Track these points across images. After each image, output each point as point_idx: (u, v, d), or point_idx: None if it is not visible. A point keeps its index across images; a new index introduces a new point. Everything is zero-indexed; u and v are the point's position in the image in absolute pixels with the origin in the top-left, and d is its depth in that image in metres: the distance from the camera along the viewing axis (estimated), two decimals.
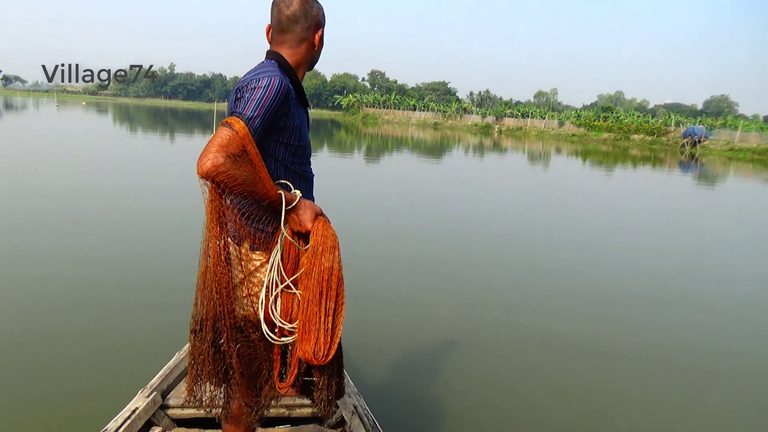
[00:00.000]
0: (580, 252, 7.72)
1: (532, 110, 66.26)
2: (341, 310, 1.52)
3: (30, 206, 8.00)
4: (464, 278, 6.09)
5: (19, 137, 20.96)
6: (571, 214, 10.91)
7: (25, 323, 4.03)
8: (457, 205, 10.92)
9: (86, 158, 14.73)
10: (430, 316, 4.91)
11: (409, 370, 3.82)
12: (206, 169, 1.31)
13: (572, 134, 53.33)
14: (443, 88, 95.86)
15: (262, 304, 1.53)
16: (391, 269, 6.19)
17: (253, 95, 1.45)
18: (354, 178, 14.81)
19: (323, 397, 1.61)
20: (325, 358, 1.48)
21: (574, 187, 16.16)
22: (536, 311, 5.22)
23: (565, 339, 4.59)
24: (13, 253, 5.71)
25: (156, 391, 2.42)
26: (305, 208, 1.56)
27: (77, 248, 5.99)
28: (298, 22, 1.62)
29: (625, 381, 3.95)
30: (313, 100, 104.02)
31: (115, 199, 9.04)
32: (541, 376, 3.93)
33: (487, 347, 4.35)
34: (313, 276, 1.49)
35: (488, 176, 18.08)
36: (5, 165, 12.09)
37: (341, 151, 24.57)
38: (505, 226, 9.10)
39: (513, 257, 7.16)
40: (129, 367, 3.41)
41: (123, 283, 4.98)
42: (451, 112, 69.57)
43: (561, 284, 6.08)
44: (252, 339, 1.60)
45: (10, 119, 35.01)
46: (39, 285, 4.81)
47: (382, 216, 9.32)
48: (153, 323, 4.13)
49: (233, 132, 1.36)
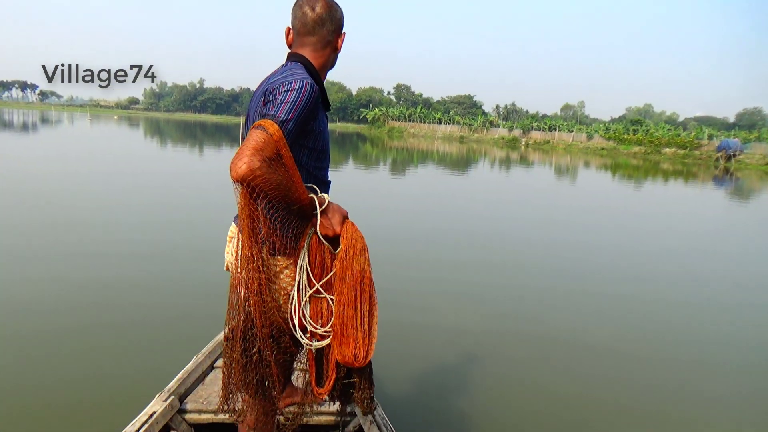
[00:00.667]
0: (614, 267, 7.47)
1: (559, 123, 65.43)
2: (375, 311, 1.53)
3: (62, 213, 8.14)
4: (489, 289, 5.99)
5: (52, 151, 21.53)
6: (605, 228, 10.56)
7: (43, 326, 4.07)
8: (486, 219, 10.68)
9: (119, 169, 14.97)
10: (452, 326, 4.84)
11: (428, 379, 3.77)
12: (242, 173, 1.27)
13: (601, 148, 52.39)
14: (469, 101, 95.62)
15: (296, 309, 1.52)
16: (414, 280, 6.12)
17: (287, 98, 1.42)
18: (379, 190, 14.70)
19: (366, 396, 1.64)
20: (364, 360, 1.48)
21: (607, 200, 15.74)
22: (568, 324, 5.04)
23: (599, 354, 4.42)
24: (39, 256, 5.81)
25: (174, 395, 2.42)
26: (334, 211, 1.54)
27: (99, 254, 6.05)
28: (324, 25, 1.61)
29: (663, 407, 3.71)
30: (339, 113, 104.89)
31: (142, 206, 9.19)
32: (571, 392, 3.76)
33: (511, 359, 4.23)
34: (347, 279, 1.48)
35: (517, 190, 17.74)
36: (37, 176, 12.32)
37: (367, 164, 24.55)
38: (538, 242, 8.83)
39: (543, 271, 6.92)
40: (147, 370, 3.42)
41: (143, 287, 5.01)
42: (476, 125, 69.20)
43: (594, 299, 5.88)
44: (283, 345, 1.59)
45: (46, 133, 36.10)
46: (60, 288, 4.87)
47: (407, 228, 9.24)
48: (172, 327, 4.14)
49: (268, 135, 1.32)
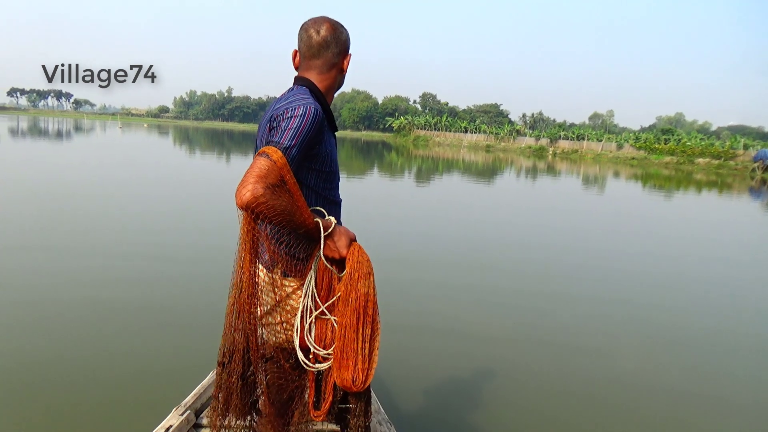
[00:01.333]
0: (645, 283, 7.12)
1: (588, 132, 64.40)
2: (377, 336, 1.52)
3: (78, 225, 8.14)
4: (511, 305, 5.81)
5: (90, 159, 22.01)
6: (636, 237, 10.20)
7: (63, 340, 4.10)
8: (512, 230, 10.44)
9: (147, 177, 15.26)
10: (473, 333, 4.81)
11: (442, 399, 3.69)
12: (246, 200, 1.29)
13: (631, 157, 51.30)
14: (495, 110, 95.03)
15: (298, 330, 1.52)
16: (432, 292, 6.03)
17: (290, 124, 1.43)
18: (405, 198, 14.56)
19: (360, 423, 1.61)
20: (363, 385, 1.47)
21: (638, 210, 15.25)
22: (593, 343, 4.86)
23: (624, 377, 4.20)
24: (56, 271, 5.80)
25: (190, 410, 2.44)
26: (340, 234, 1.54)
27: (116, 270, 6.00)
28: (329, 47, 1.62)
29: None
30: (365, 122, 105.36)
31: (164, 220, 9.13)
32: (596, 417, 3.61)
33: (533, 378, 4.08)
34: (350, 302, 1.48)
35: (546, 199, 17.37)
36: (65, 182, 12.54)
37: (392, 173, 24.47)
38: (569, 255, 8.55)
39: (569, 286, 6.66)
40: (164, 385, 3.45)
41: (161, 303, 5.02)
42: (503, 134, 68.62)
43: (623, 318, 5.60)
44: (285, 367, 1.59)
45: (79, 140, 37.12)
46: (79, 304, 4.86)
47: (431, 238, 9.07)
48: (189, 342, 4.16)
49: (271, 162, 1.34)
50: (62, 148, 28.47)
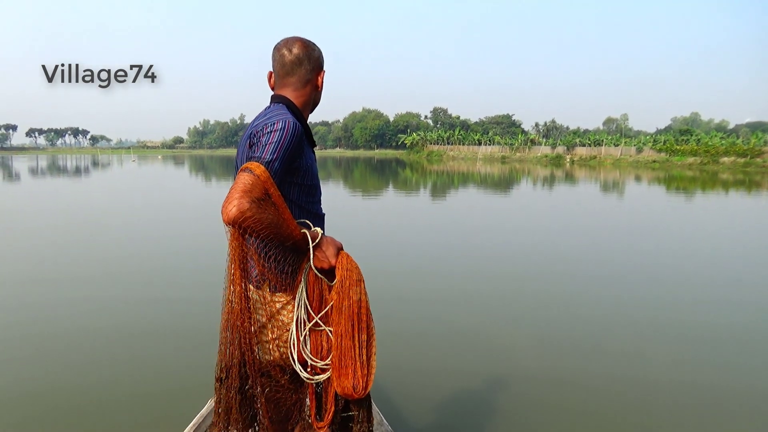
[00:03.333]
0: (678, 289, 6.57)
1: (604, 137, 63.29)
2: (373, 341, 1.52)
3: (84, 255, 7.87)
4: (529, 315, 5.61)
5: (106, 196, 21.92)
6: (670, 245, 9.32)
7: (63, 370, 4.04)
8: (536, 240, 9.65)
9: (154, 204, 14.92)
10: (482, 343, 4.79)
11: (448, 408, 3.64)
12: (233, 215, 1.30)
13: (652, 160, 50.08)
14: (507, 121, 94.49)
15: (294, 343, 1.52)
16: (444, 302, 6.03)
17: (270, 138, 1.45)
18: (420, 214, 14.00)
19: (364, 429, 1.60)
20: (364, 391, 1.46)
21: (671, 214, 14.33)
22: (614, 349, 4.63)
23: (657, 388, 3.88)
24: (60, 300, 5.78)
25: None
26: (328, 244, 1.54)
27: (115, 297, 5.96)
28: (302, 64, 1.65)
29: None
30: (377, 140, 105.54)
31: (160, 246, 9.13)
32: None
33: (549, 390, 3.90)
34: (344, 310, 1.48)
35: (570, 210, 16.49)
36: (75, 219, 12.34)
37: (407, 189, 23.88)
38: (599, 265, 7.78)
39: (594, 296, 5.98)
40: (163, 415, 3.39)
41: (155, 331, 4.96)
42: (517, 144, 67.79)
43: (655, 326, 5.20)
44: (281, 383, 1.59)
45: (93, 175, 37.48)
46: (78, 331, 4.88)
47: (450, 251, 8.61)
48: (186, 371, 4.10)
49: (254, 176, 1.35)
50: (77, 184, 28.72)
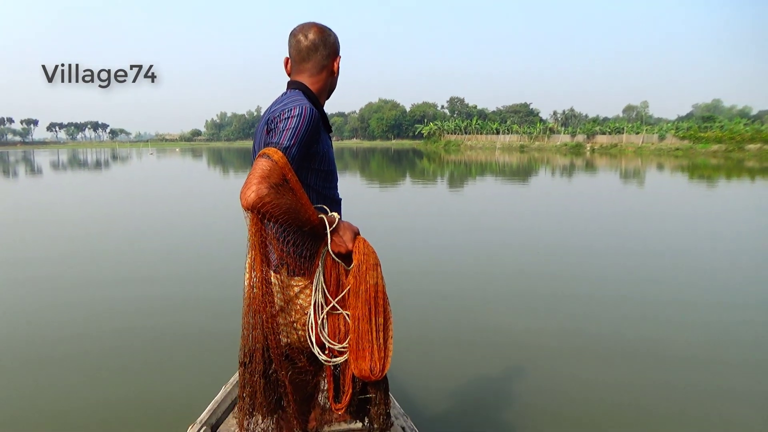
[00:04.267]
0: (705, 283, 6.33)
1: (624, 125, 62.00)
2: (390, 325, 1.53)
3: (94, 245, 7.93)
4: (551, 308, 5.47)
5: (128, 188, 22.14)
6: (702, 238, 9.01)
7: (78, 363, 4.09)
8: (561, 232, 9.42)
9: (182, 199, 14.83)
10: (505, 334, 4.72)
11: (458, 391, 3.69)
12: (251, 201, 1.31)
13: (675, 148, 48.91)
14: (525, 110, 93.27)
15: (312, 326, 1.53)
16: (454, 291, 6.02)
17: (288, 124, 1.45)
18: (443, 204, 13.82)
19: (381, 412, 1.62)
20: (381, 373, 1.49)
21: (702, 204, 13.93)
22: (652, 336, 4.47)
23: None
24: (73, 299, 5.69)
25: (206, 426, 2.45)
26: (345, 228, 1.56)
27: (127, 286, 6.08)
28: (317, 50, 1.64)
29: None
30: (394, 130, 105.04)
31: (178, 237, 9.20)
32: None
33: (570, 377, 3.90)
34: (361, 294, 1.50)
35: (595, 199, 16.11)
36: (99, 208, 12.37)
37: (424, 179, 23.66)
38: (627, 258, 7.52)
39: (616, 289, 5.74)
40: (179, 402, 3.45)
41: (170, 320, 5.01)
42: (536, 133, 66.83)
43: (685, 321, 5.01)
44: (300, 365, 1.60)
45: (111, 168, 37.98)
46: (94, 317, 5.02)
47: (469, 242, 8.46)
48: (200, 359, 4.16)
49: (272, 162, 1.36)
50: (97, 177, 29.27)
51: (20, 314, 5.16)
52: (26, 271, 6.89)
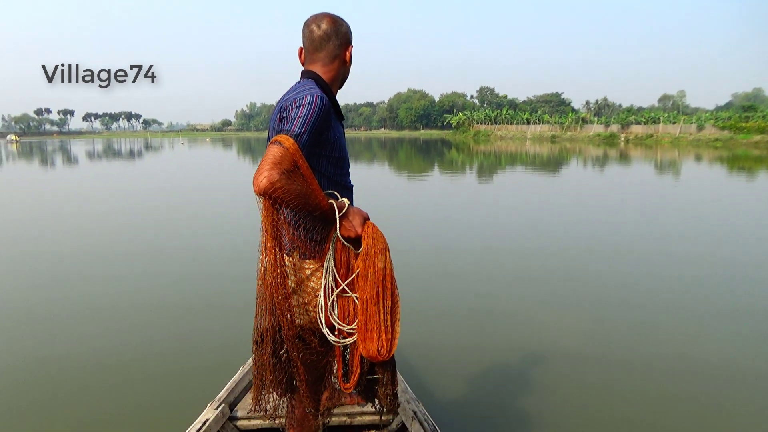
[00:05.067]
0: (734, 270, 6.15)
1: (660, 115, 60.06)
2: (397, 307, 1.56)
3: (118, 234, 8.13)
4: (576, 295, 5.50)
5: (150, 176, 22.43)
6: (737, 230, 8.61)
7: (100, 343, 4.26)
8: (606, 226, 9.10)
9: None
10: (521, 324, 4.75)
11: (468, 379, 3.72)
12: (263, 186, 1.35)
13: (714, 139, 47.15)
14: (556, 100, 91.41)
15: (322, 308, 1.57)
16: (471, 280, 6.07)
17: (299, 112, 1.49)
18: (470, 195, 13.57)
19: (388, 392, 1.66)
20: (388, 354, 1.52)
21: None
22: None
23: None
24: (92, 276, 6.15)
25: (224, 404, 2.54)
26: (354, 214, 1.60)
27: (147, 271, 6.37)
28: (330, 40, 1.67)
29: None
30: (422, 120, 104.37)
31: (197, 223, 9.45)
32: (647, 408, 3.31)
33: (564, 360, 3.96)
34: (369, 277, 1.53)
35: (629, 191, 15.58)
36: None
37: (453, 169, 23.37)
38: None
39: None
40: (198, 381, 3.58)
41: (189, 303, 5.22)
42: (568, 123, 65.39)
43: (714, 306, 4.99)
44: (312, 346, 1.64)
45: (150, 157, 38.53)
46: (112, 306, 5.14)
47: (498, 230, 8.29)
48: (219, 340, 4.30)
49: (284, 149, 1.39)
50: (132, 166, 29.91)
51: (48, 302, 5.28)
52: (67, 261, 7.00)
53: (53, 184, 18.81)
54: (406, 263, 6.17)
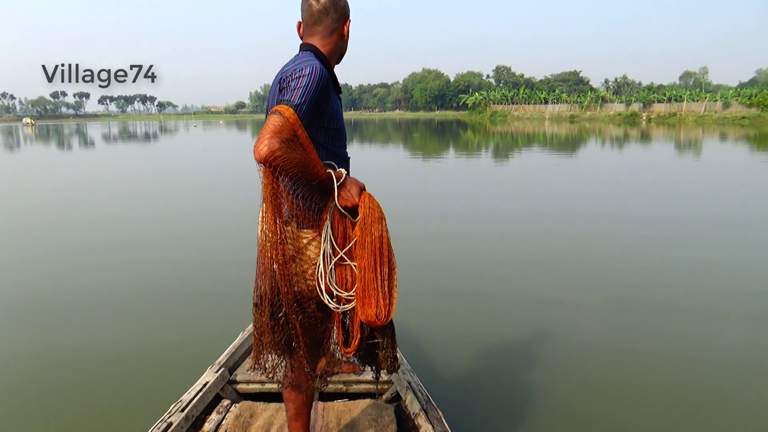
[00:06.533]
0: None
1: (682, 93, 58.26)
2: (394, 274, 1.60)
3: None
4: (592, 279, 5.31)
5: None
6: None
7: (106, 308, 4.48)
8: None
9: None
10: (500, 302, 4.73)
11: (462, 351, 3.76)
12: (264, 154, 1.38)
13: (741, 116, 45.56)
14: (575, 78, 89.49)
15: (322, 276, 1.61)
16: (473, 259, 6.08)
17: (299, 83, 1.52)
18: (487, 178, 13.02)
19: (388, 355, 1.72)
20: (386, 319, 1.57)
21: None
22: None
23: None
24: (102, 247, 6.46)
25: (224, 367, 2.63)
26: (351, 184, 1.64)
27: (154, 241, 6.78)
28: (328, 13, 1.71)
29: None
30: (438, 101, 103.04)
31: (197, 194, 9.57)
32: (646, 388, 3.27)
33: (565, 340, 3.92)
34: (366, 245, 1.57)
35: (658, 174, 14.82)
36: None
37: (468, 151, 22.70)
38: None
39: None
40: (200, 345, 3.69)
41: (192, 272, 5.48)
42: (587, 102, 63.83)
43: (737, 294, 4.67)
44: (309, 311, 1.68)
45: (165, 139, 38.64)
46: (122, 275, 5.39)
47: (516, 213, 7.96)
48: (220, 306, 4.47)
49: (284, 119, 1.42)
50: (147, 149, 29.67)
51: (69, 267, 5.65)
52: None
53: (64, 168, 18.58)
54: (413, 245, 6.25)
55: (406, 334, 3.78)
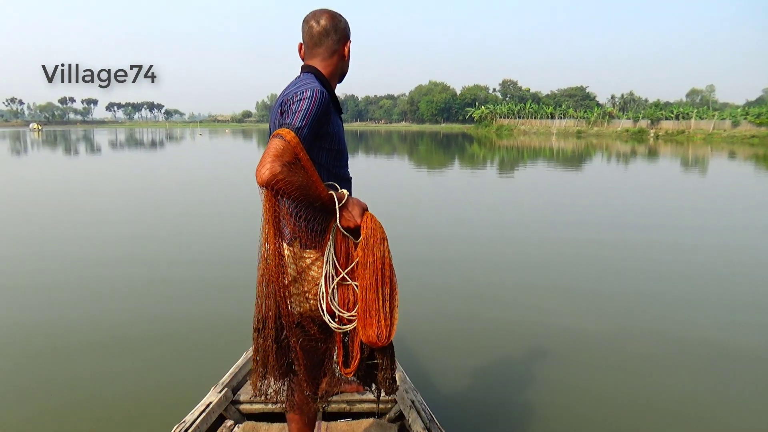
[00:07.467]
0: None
1: (689, 110, 57.92)
2: (395, 295, 1.60)
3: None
4: (560, 286, 5.49)
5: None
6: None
7: (110, 328, 4.35)
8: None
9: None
10: (503, 319, 4.65)
11: (468, 370, 3.66)
12: (266, 178, 1.40)
13: (751, 135, 45.12)
14: (581, 93, 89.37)
15: (323, 296, 1.61)
16: (474, 274, 6.00)
17: (300, 106, 1.53)
18: (492, 192, 12.76)
19: (387, 376, 1.70)
20: (387, 340, 1.57)
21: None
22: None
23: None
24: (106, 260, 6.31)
25: (227, 387, 2.60)
26: (353, 204, 1.64)
27: (156, 256, 6.60)
28: (329, 35, 1.71)
29: None
30: (443, 114, 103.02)
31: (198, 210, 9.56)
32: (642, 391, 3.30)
33: (569, 354, 3.90)
34: (368, 266, 1.57)
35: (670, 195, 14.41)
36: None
37: (473, 165, 22.35)
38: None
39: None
40: (203, 366, 3.63)
41: (194, 290, 5.34)
42: (594, 118, 63.54)
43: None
44: (311, 333, 1.67)
45: (171, 148, 38.31)
46: (120, 290, 5.27)
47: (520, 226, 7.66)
48: (224, 325, 4.40)
49: (285, 142, 1.44)
50: (154, 157, 29.54)
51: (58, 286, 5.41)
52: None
53: (67, 173, 18.35)
54: (412, 252, 6.32)
55: (410, 352, 3.77)
